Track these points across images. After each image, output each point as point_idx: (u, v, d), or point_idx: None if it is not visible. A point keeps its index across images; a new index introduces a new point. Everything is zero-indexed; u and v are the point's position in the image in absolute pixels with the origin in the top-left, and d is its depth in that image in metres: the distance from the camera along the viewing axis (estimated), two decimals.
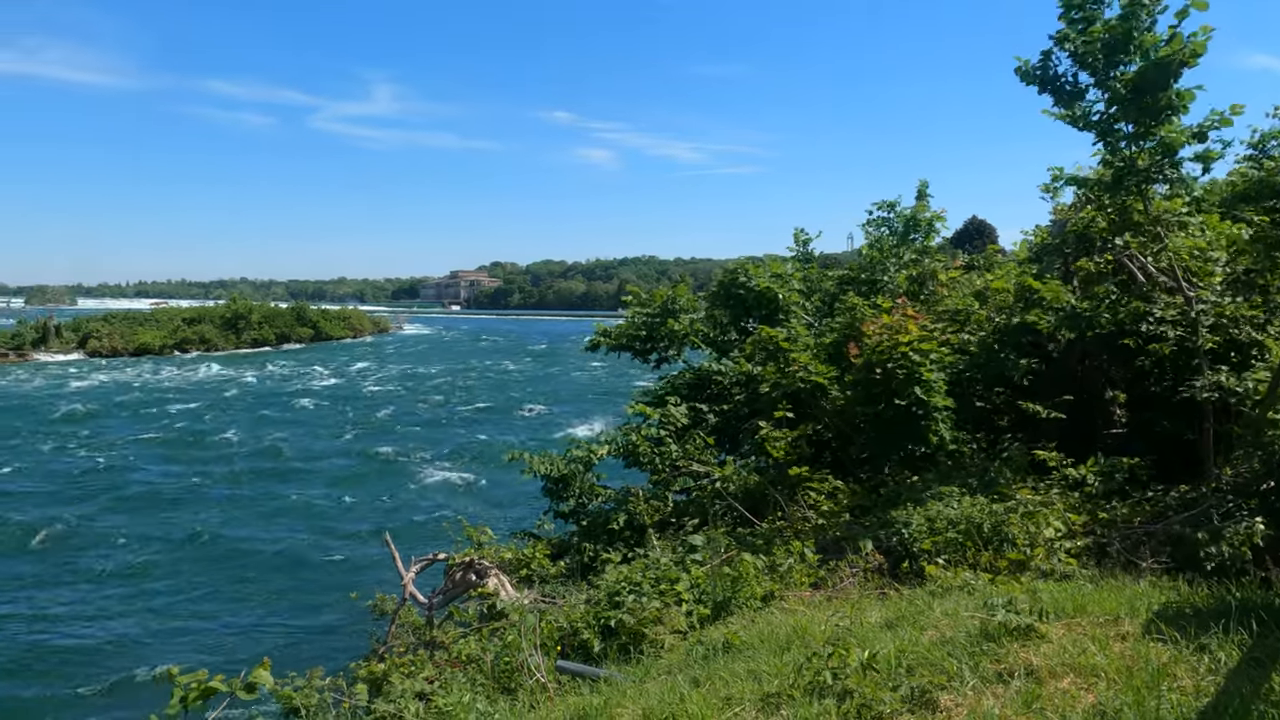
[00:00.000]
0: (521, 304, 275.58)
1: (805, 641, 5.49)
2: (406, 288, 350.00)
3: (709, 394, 15.20)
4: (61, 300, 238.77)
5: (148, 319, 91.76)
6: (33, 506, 24.90)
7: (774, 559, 8.20)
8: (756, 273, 16.09)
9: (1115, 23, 8.83)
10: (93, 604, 17.57)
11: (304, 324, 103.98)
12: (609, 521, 12.49)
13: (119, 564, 20.03)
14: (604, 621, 7.43)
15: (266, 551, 21.11)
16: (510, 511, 23.36)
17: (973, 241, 55.60)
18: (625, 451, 13.64)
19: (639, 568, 8.25)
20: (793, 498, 10.49)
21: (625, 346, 17.45)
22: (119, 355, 79.29)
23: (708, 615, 7.41)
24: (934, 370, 10.27)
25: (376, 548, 20.77)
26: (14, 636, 15.72)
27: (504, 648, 7.32)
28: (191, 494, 26.68)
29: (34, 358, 74.78)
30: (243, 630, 16.45)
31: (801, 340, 13.33)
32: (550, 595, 10.17)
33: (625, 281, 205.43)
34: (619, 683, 5.80)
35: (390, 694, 6.92)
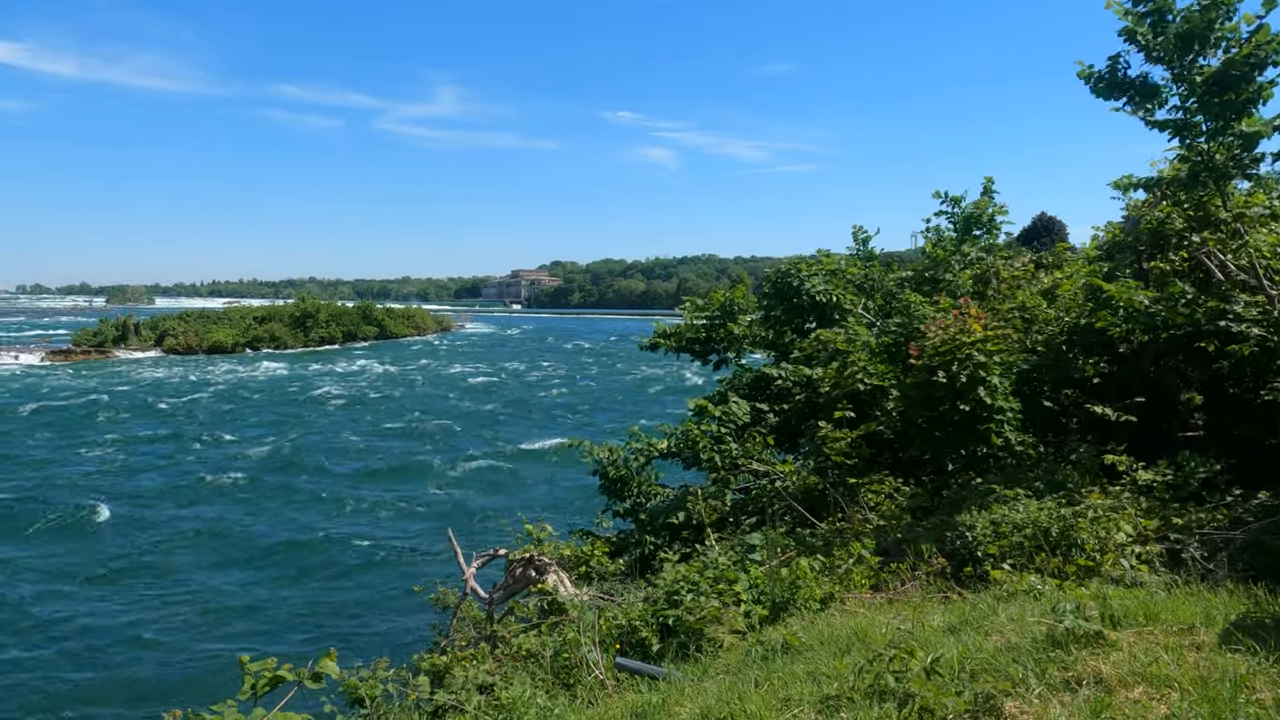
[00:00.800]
0: (582, 303, 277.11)
1: (866, 644, 5.44)
2: (469, 287, 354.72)
3: (769, 394, 15.10)
4: (140, 299, 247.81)
5: (220, 317, 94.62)
6: (107, 499, 25.87)
7: (833, 560, 8.13)
8: (809, 270, 15.84)
9: (1194, 14, 8.52)
10: (165, 593, 18.19)
11: (370, 323, 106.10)
12: (667, 519, 12.50)
13: (192, 555, 20.70)
14: (662, 620, 7.44)
15: (331, 545, 21.59)
16: (568, 509, 23.53)
17: (1041, 239, 54.28)
18: (684, 447, 13.62)
19: (697, 567, 8.24)
20: (853, 498, 10.38)
21: (684, 348, 17.43)
22: (194, 353, 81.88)
23: (766, 616, 7.37)
24: (999, 371, 10.05)
25: (438, 543, 21.12)
26: (91, 624, 16.34)
27: (563, 644, 7.38)
28: (260, 489, 27.42)
29: (115, 355, 77.65)
30: (309, 621, 16.87)
31: (860, 341, 13.16)
32: (609, 592, 10.22)
33: (685, 280, 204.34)
34: (677, 681, 5.81)
35: (452, 686, 7.03)
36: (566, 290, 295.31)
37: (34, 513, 23.81)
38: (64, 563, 20.03)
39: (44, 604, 17.41)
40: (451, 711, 6.55)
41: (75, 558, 20.36)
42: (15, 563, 19.93)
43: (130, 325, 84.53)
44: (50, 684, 14.14)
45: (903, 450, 11.59)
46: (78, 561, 20.12)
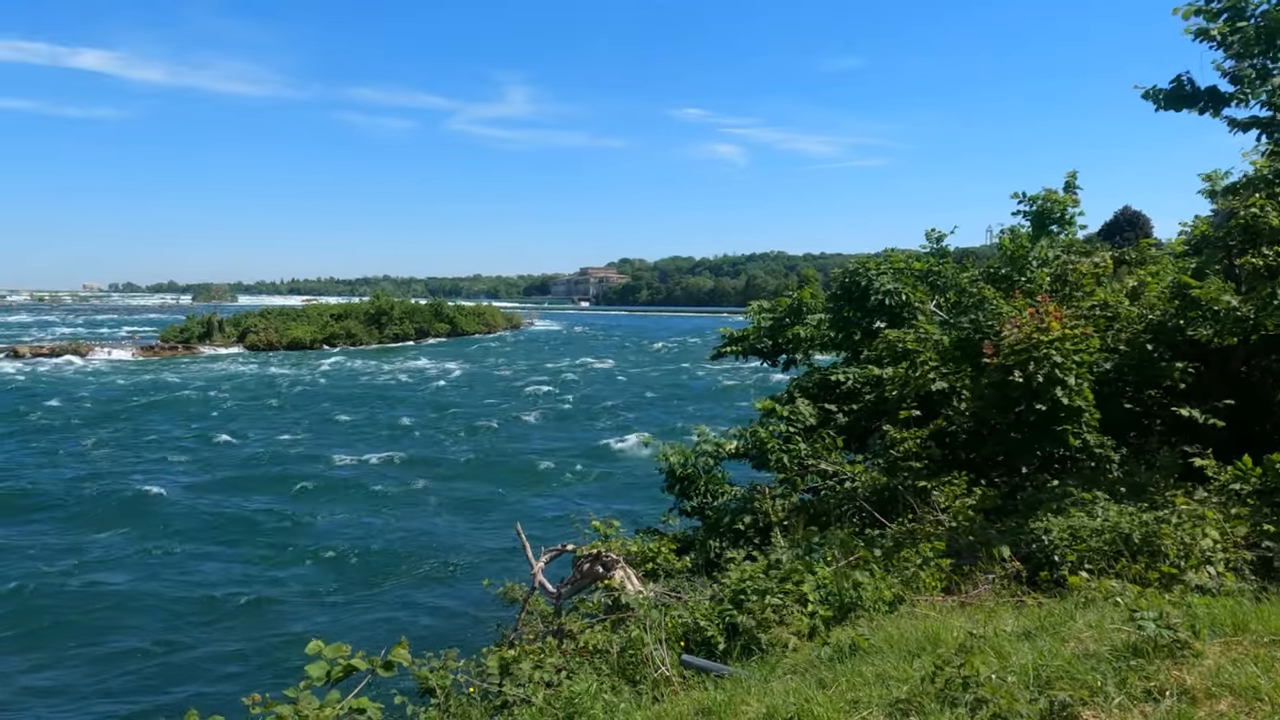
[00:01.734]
0: (649, 300, 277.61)
1: (936, 647, 5.34)
2: (538, 284, 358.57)
3: (837, 394, 14.93)
4: (224, 297, 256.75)
5: (299, 315, 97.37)
6: (187, 491, 26.85)
7: (903, 561, 8.00)
8: (877, 269, 15.57)
9: (1275, 11, 8.20)
10: (236, 578, 18.80)
11: (441, 320, 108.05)
12: (734, 519, 12.46)
13: (264, 545, 21.36)
14: (728, 619, 7.42)
15: (400, 539, 22.05)
16: (635, 506, 23.61)
17: (1124, 234, 52.51)
18: (752, 448, 13.56)
19: (763, 566, 8.20)
20: (923, 500, 10.19)
21: (751, 351, 17.34)
22: (274, 349, 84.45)
23: (833, 617, 7.29)
24: (1078, 371, 9.76)
25: (505, 538, 21.41)
26: (167, 606, 16.98)
27: (629, 640, 7.42)
28: (329, 482, 28.14)
29: (200, 350, 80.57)
30: (378, 612, 17.25)
31: (931, 340, 12.90)
32: (675, 590, 10.23)
33: (753, 277, 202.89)
34: (743, 680, 5.79)
35: (519, 679, 7.12)
36: (634, 288, 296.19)
37: (107, 498, 24.88)
38: (136, 545, 20.86)
39: (117, 582, 18.16)
40: (519, 704, 6.64)
41: (146, 542, 21.18)
42: (96, 544, 20.83)
43: (214, 322, 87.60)
44: (130, 661, 14.75)
45: (976, 451, 11.34)
46: (149, 544, 20.93)
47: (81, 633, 15.95)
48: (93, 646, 15.42)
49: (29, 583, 18.21)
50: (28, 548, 20.79)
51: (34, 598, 17.52)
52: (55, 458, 31.35)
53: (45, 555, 20.22)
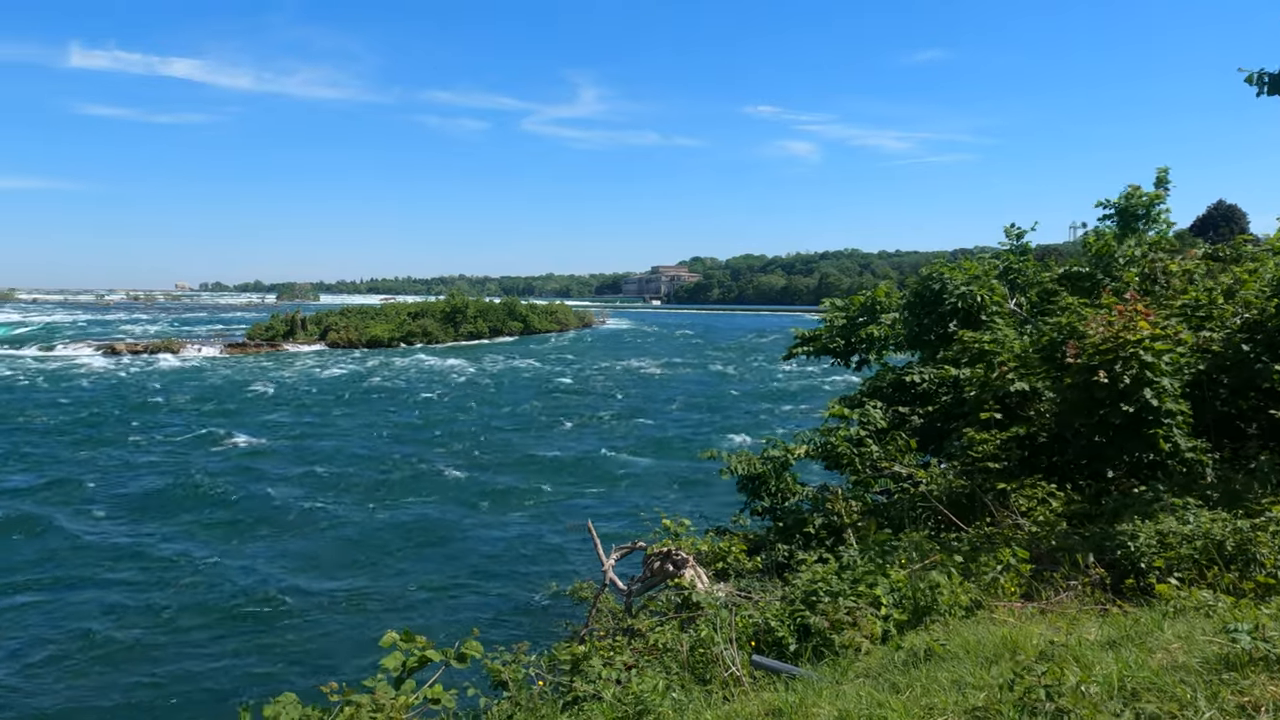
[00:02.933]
0: (721, 299, 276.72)
1: (1015, 655, 5.20)
2: (609, 283, 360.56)
3: (911, 396, 14.66)
4: (306, 296, 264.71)
5: (378, 313, 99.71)
6: (269, 485, 27.73)
7: (980, 566, 7.81)
8: (952, 275, 15.25)
9: None
10: (312, 571, 19.34)
11: (514, 318, 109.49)
12: (805, 520, 12.34)
13: (341, 538, 21.93)
14: (799, 620, 7.36)
15: (470, 533, 22.41)
16: (706, 504, 23.56)
17: (1218, 229, 50.32)
18: (823, 452, 13.42)
19: (835, 568, 8.10)
20: (1002, 504, 9.94)
21: (824, 351, 17.15)
22: (354, 346, 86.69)
23: (907, 621, 7.16)
24: (1168, 371, 9.39)
25: (574, 534, 21.59)
26: (247, 599, 17.55)
27: (699, 639, 7.41)
28: (404, 476, 28.74)
29: (284, 348, 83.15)
30: (449, 605, 17.55)
31: (1009, 342, 12.57)
32: (745, 590, 10.18)
33: (826, 275, 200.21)
34: (814, 682, 5.73)
35: (589, 675, 7.17)
36: (706, 286, 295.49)
37: (169, 490, 25.86)
38: (220, 536, 21.63)
39: (195, 572, 18.85)
40: (589, 700, 6.68)
41: (223, 531, 21.95)
42: (185, 533, 21.68)
43: (297, 320, 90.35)
44: (209, 649, 15.31)
45: (1058, 454, 11.01)
46: (233, 536, 21.68)
47: (162, 624, 16.63)
48: (171, 636, 16.07)
49: (146, 574, 19.10)
50: (146, 541, 21.77)
51: (148, 588, 18.34)
52: (137, 451, 32.76)
53: (167, 550, 21.16)
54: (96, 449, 32.76)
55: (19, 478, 27.69)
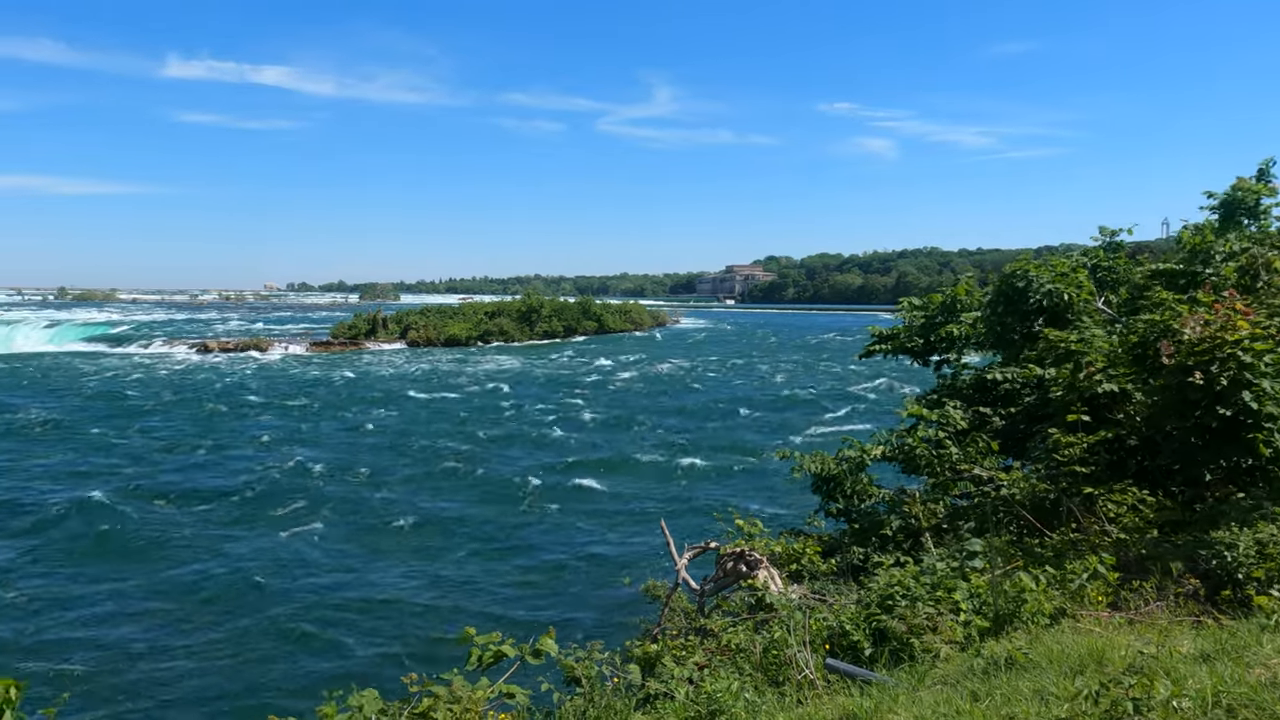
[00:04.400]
0: (796, 298, 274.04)
1: (1101, 666, 5.03)
2: (683, 283, 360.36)
3: (993, 396, 14.27)
4: (387, 296, 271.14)
5: (456, 313, 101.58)
6: (353, 481, 28.47)
7: (1065, 574, 7.56)
8: (1039, 272, 14.75)
9: None
10: (399, 568, 19.79)
11: (589, 317, 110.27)
12: (881, 523, 12.13)
13: (419, 535, 22.43)
14: (875, 624, 7.24)
15: (544, 531, 22.68)
16: (779, 505, 23.38)
17: None
18: (900, 453, 13.16)
19: (913, 572, 7.94)
20: (1089, 509, 9.60)
21: (902, 350, 16.81)
22: (432, 345, 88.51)
23: (987, 628, 6.98)
24: (1269, 373, 8.95)
25: (646, 533, 21.65)
26: (324, 597, 18.05)
27: (772, 641, 7.35)
28: (484, 474, 29.20)
29: (365, 346, 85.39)
30: (524, 602, 17.77)
31: (1098, 342, 12.13)
32: (819, 593, 10.07)
33: (904, 274, 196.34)
34: (890, 688, 5.64)
35: (662, 674, 7.18)
36: (780, 285, 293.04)
37: (271, 486, 26.70)
38: (302, 530, 22.30)
39: (279, 564, 19.46)
40: (662, 698, 6.69)
41: (306, 525, 22.62)
42: (270, 526, 22.42)
43: (379, 320, 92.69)
44: (294, 639, 15.80)
45: (1149, 458, 10.60)
46: (316, 530, 22.33)
47: (249, 613, 17.23)
48: (258, 625, 16.63)
49: (231, 565, 19.86)
50: (221, 535, 22.63)
51: (227, 579, 19.06)
52: (224, 445, 34.01)
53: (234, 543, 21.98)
54: (185, 443, 34.16)
55: (99, 461, 29.06)
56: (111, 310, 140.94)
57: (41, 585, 18.37)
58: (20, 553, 20.39)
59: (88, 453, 31.89)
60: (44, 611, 16.94)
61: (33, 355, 75.10)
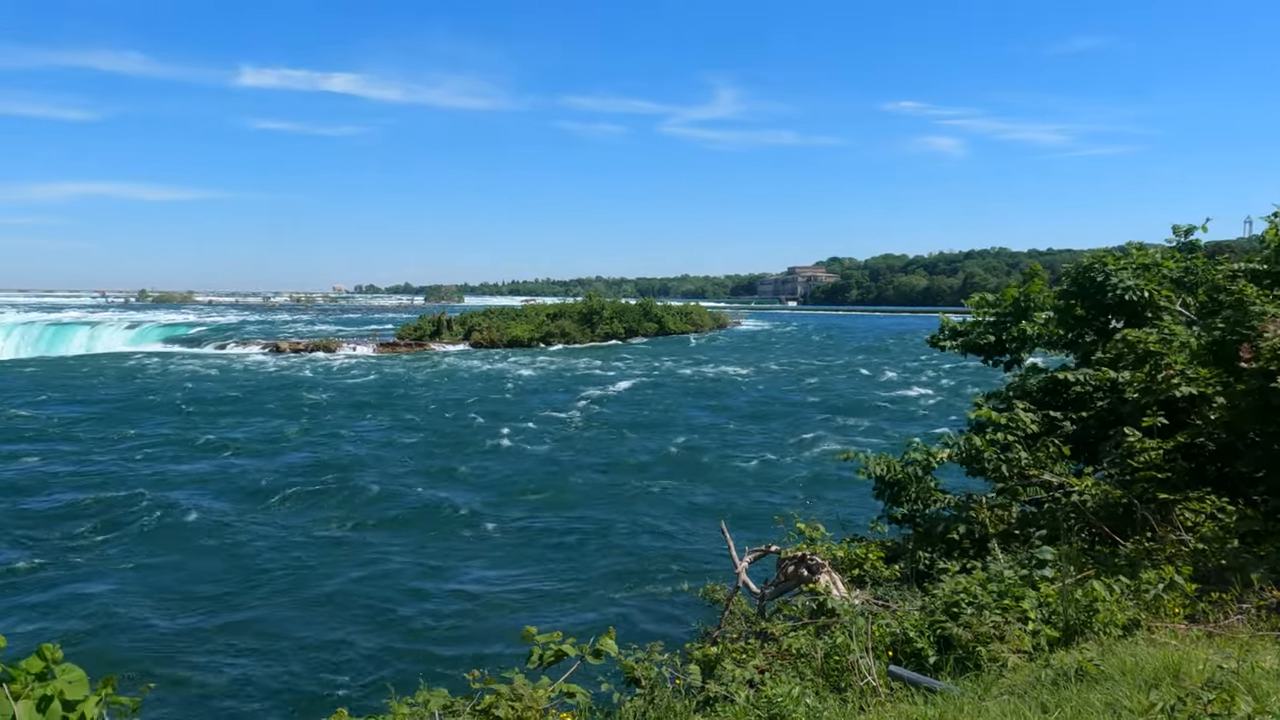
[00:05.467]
0: (859, 299, 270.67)
1: (1178, 680, 4.87)
2: (745, 284, 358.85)
3: (1064, 399, 13.89)
4: (452, 298, 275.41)
5: (518, 314, 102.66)
6: (415, 480, 28.97)
7: (1139, 584, 7.33)
8: (1116, 265, 14.29)
9: None
10: (462, 566, 20.08)
11: (650, 319, 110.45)
12: (947, 529, 11.91)
13: (480, 533, 22.70)
14: (939, 632, 7.12)
15: (600, 531, 22.76)
16: (841, 509, 23.11)
17: None
18: (967, 457, 12.91)
19: (980, 579, 7.79)
20: (1165, 517, 9.30)
21: (970, 348, 16.47)
22: (495, 346, 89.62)
23: (1057, 638, 6.81)
24: None
25: (704, 535, 21.60)
26: (391, 594, 18.38)
27: (833, 646, 7.28)
28: (544, 474, 29.44)
29: (430, 347, 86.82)
30: (584, 602, 17.87)
31: (1177, 342, 11.73)
32: (882, 598, 9.94)
33: (971, 275, 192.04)
34: (955, 697, 5.54)
35: (722, 677, 7.17)
36: (844, 287, 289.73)
37: (340, 483, 27.30)
38: (366, 528, 22.76)
39: (343, 561, 19.88)
40: (722, 701, 6.68)
41: (369, 522, 23.07)
42: (334, 523, 22.94)
43: (443, 321, 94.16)
44: (361, 639, 16.12)
45: (1229, 465, 10.22)
46: (380, 528, 22.77)
47: (303, 606, 17.67)
48: (315, 618, 17.04)
49: (298, 561, 20.41)
50: (266, 532, 23.25)
51: (290, 572, 19.58)
52: (293, 443, 34.90)
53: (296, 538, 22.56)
54: (254, 441, 35.16)
55: (176, 454, 30.07)
56: (189, 312, 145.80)
57: (118, 573, 19.09)
58: (100, 540, 21.23)
59: (164, 448, 33.04)
60: (120, 599, 17.60)
61: (115, 355, 78.15)
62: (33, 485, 26.87)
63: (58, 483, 27.24)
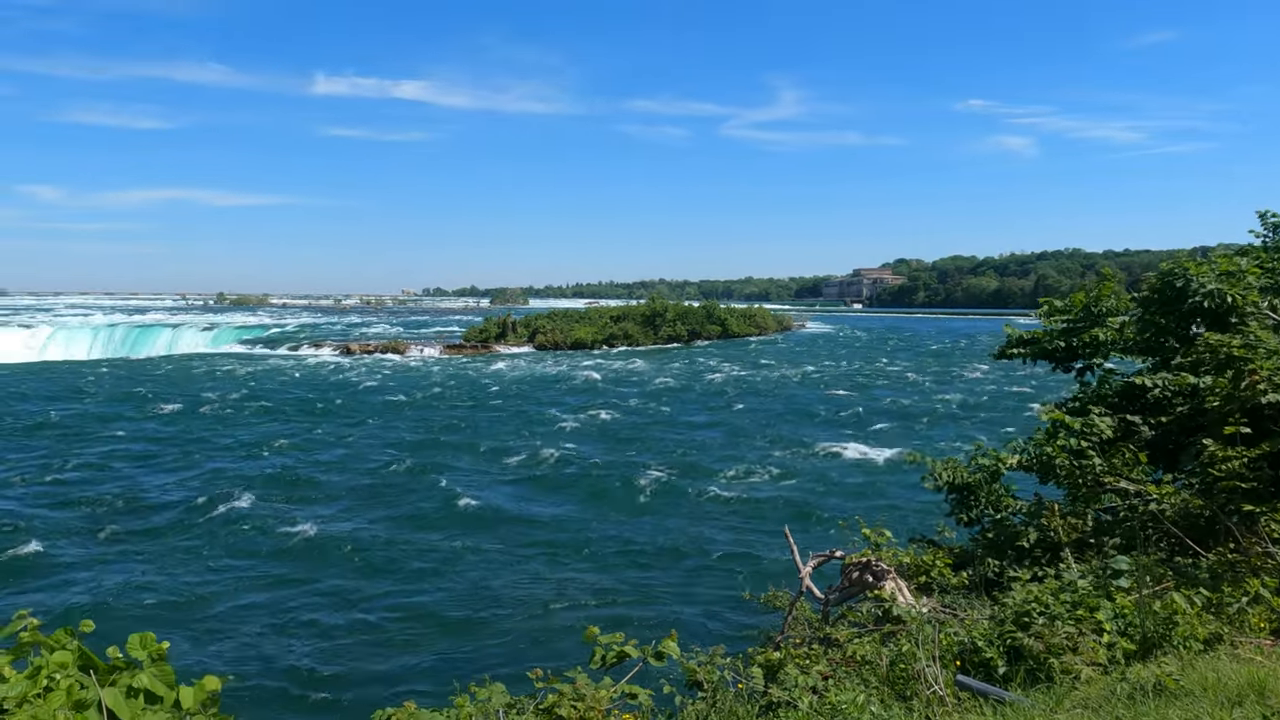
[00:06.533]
0: (927, 302, 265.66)
1: (1263, 697, 4.68)
2: (809, 286, 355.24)
3: (1141, 405, 13.43)
4: (517, 300, 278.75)
5: (582, 317, 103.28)
6: (483, 481, 29.33)
7: (1222, 597, 7.06)
8: (1199, 272, 13.74)
9: None
10: (523, 564, 20.28)
11: (713, 322, 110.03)
12: (1018, 536, 11.61)
13: (544, 532, 22.90)
14: (1010, 642, 6.95)
15: (664, 533, 22.77)
16: (906, 514, 22.73)
17: None
18: (1038, 462, 12.56)
19: (1052, 588, 7.58)
20: (1249, 528, 8.94)
21: (1040, 355, 16.03)
22: (559, 348, 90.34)
23: (1133, 650, 6.60)
24: None
25: (767, 539, 21.44)
26: (456, 591, 18.63)
27: (899, 654, 7.17)
28: (607, 477, 29.54)
29: (495, 349, 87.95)
30: (645, 604, 17.89)
31: (1264, 348, 11.25)
32: (950, 606, 9.74)
33: (1043, 277, 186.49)
34: (1025, 708, 5.41)
35: (785, 682, 7.11)
36: (910, 289, 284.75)
37: (410, 481, 27.77)
38: (434, 527, 23.12)
39: (413, 560, 20.20)
40: (784, 707, 6.63)
41: (437, 521, 23.42)
42: (404, 523, 23.36)
43: (508, 323, 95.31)
44: (426, 634, 16.39)
45: None
46: (448, 526, 23.11)
47: (371, 599, 18.02)
48: (383, 611, 17.36)
49: (363, 562, 20.88)
50: (353, 530, 23.78)
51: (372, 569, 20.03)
52: (364, 443, 35.64)
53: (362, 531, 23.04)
54: (325, 439, 36.03)
55: (249, 452, 30.96)
56: (264, 314, 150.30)
57: (200, 567, 19.75)
58: (175, 538, 22.00)
59: (238, 448, 34.08)
60: (205, 593, 18.20)
61: (194, 356, 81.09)
62: (132, 478, 28.05)
63: (154, 480, 28.36)
